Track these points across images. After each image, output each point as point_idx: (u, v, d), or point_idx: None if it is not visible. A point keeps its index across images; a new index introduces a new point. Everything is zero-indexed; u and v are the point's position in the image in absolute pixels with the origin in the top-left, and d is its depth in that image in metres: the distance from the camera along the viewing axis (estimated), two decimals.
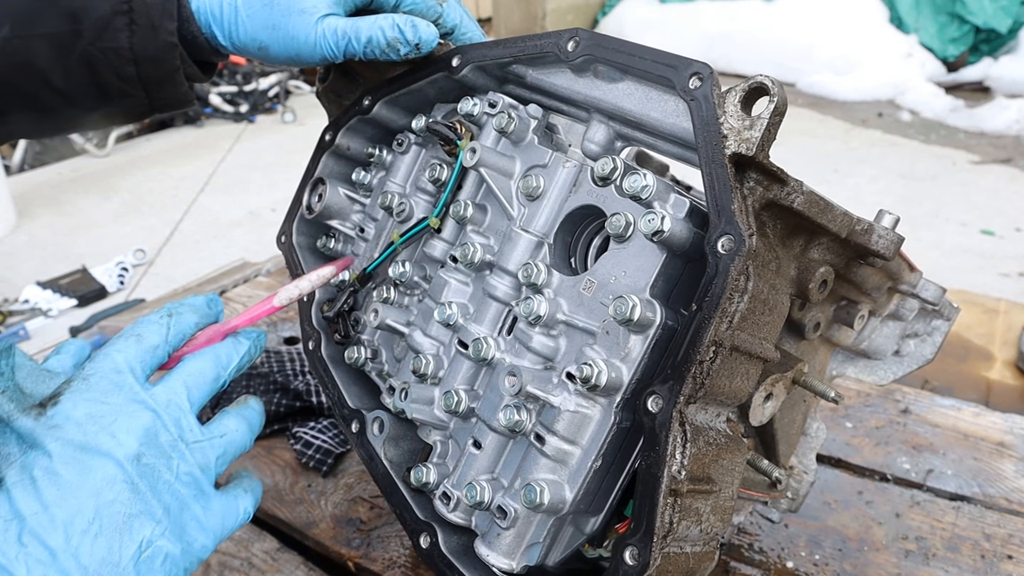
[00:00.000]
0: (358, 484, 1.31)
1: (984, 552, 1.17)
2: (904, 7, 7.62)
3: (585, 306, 0.80)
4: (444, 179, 0.97)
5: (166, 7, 0.91)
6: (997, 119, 6.25)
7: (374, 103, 1.07)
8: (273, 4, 0.92)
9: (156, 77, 0.94)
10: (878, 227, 0.84)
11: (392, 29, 0.94)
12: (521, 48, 0.90)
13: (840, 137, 6.19)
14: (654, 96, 0.82)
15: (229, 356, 0.74)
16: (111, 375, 0.66)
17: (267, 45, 0.94)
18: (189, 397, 0.69)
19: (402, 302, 1.02)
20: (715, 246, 0.69)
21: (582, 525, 0.83)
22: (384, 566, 1.14)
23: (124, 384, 0.66)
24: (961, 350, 2.30)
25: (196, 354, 0.72)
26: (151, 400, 0.67)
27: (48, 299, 3.90)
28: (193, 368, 0.71)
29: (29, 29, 0.89)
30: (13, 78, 0.91)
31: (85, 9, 0.89)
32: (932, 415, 1.50)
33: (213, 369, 0.72)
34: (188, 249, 4.55)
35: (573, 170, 0.85)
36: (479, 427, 0.86)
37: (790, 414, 1.02)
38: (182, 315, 0.73)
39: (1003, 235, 4.47)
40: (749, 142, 0.69)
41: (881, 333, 1.06)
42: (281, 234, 1.18)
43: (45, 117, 0.97)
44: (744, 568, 1.14)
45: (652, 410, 0.71)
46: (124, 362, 0.67)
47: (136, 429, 0.65)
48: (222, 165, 5.85)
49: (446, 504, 0.88)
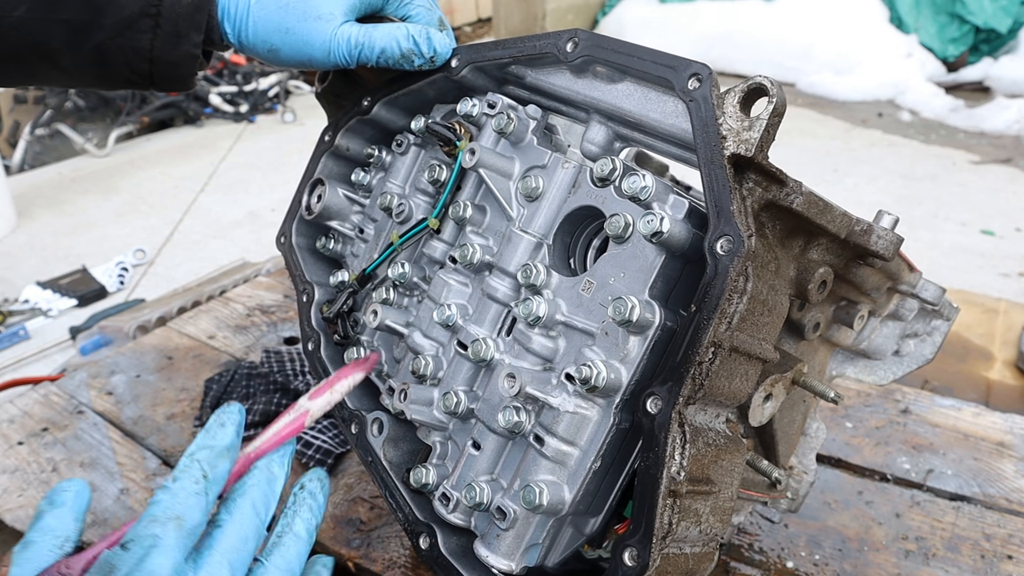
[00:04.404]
0: (358, 484, 1.31)
1: (984, 552, 1.17)
2: (904, 7, 7.61)
3: (584, 307, 0.80)
4: (443, 180, 0.97)
5: (195, 18, 0.90)
6: (997, 119, 6.24)
7: (373, 104, 1.07)
8: (288, 7, 0.91)
9: (168, 76, 0.93)
10: (877, 227, 0.84)
11: (407, 41, 0.93)
12: (520, 49, 0.90)
13: (840, 137, 6.19)
14: (653, 97, 0.82)
15: (267, 504, 0.64)
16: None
17: (278, 48, 0.93)
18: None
19: (401, 303, 1.02)
20: (714, 247, 0.69)
21: (581, 526, 0.83)
22: (384, 566, 1.14)
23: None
24: (961, 350, 2.30)
25: (234, 512, 0.62)
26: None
27: (48, 299, 3.89)
28: (234, 537, 0.60)
29: (48, 12, 0.88)
30: (22, 56, 0.90)
31: (112, 4, 0.88)
32: (932, 415, 1.50)
33: (254, 531, 0.62)
34: (188, 249, 4.55)
35: (572, 171, 0.85)
36: (478, 428, 0.86)
37: (790, 414, 1.02)
38: (216, 467, 0.62)
39: (1003, 235, 4.47)
40: (748, 143, 0.69)
41: (881, 333, 1.06)
42: (281, 235, 1.18)
43: (35, 80, 0.96)
44: (744, 568, 1.14)
45: (651, 411, 0.71)
46: (167, 564, 0.55)
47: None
48: (222, 165, 5.85)
49: (445, 505, 0.88)
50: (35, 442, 1.46)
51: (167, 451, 1.42)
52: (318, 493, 0.69)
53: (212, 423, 0.64)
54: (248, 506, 0.62)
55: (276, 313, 1.94)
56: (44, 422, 1.52)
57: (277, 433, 0.68)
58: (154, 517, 0.57)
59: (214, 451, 0.62)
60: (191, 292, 2.57)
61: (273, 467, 0.66)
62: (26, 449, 1.44)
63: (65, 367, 2.24)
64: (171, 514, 0.58)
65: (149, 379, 1.66)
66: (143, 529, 0.57)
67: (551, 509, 0.77)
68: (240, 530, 0.61)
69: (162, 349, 1.78)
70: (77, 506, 0.63)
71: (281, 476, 0.66)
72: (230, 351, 1.76)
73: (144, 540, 0.56)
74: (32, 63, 0.91)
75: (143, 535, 0.56)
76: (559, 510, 0.78)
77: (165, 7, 0.89)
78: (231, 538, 0.60)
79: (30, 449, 1.44)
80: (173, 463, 1.39)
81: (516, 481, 0.81)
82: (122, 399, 1.59)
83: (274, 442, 0.67)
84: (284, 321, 1.90)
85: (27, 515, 1.28)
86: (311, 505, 0.68)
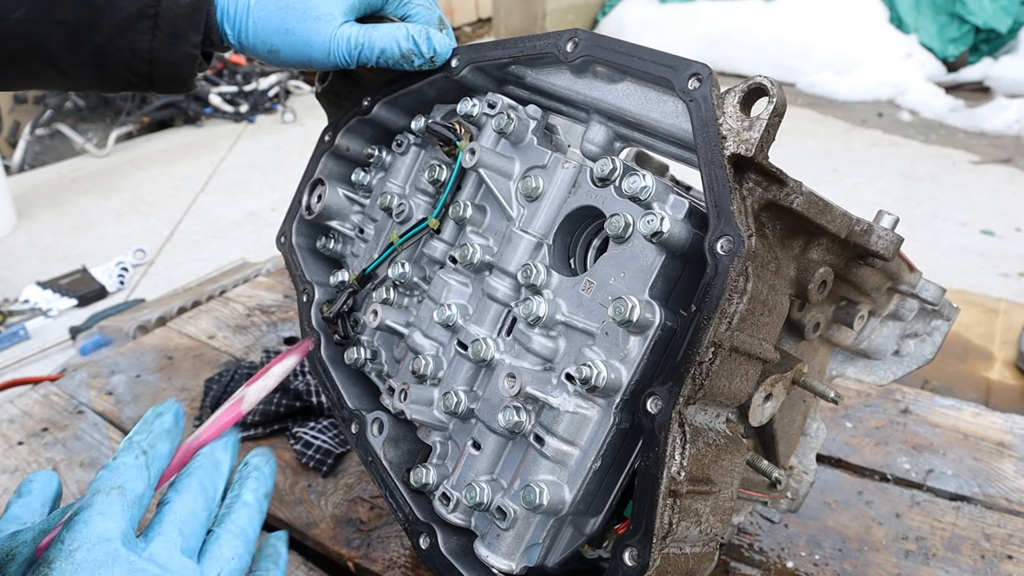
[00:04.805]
0: (358, 484, 1.31)
1: (984, 552, 1.17)
2: (904, 7, 7.61)
3: (584, 307, 0.80)
4: (443, 180, 0.97)
5: (193, 18, 0.89)
6: (997, 119, 6.25)
7: (373, 104, 1.07)
8: (287, 8, 0.91)
9: (167, 77, 0.93)
10: (877, 227, 0.84)
11: (407, 41, 0.93)
12: (520, 49, 0.90)
13: (840, 137, 6.19)
14: (653, 97, 0.82)
15: (215, 483, 0.65)
16: (100, 546, 0.55)
17: (278, 48, 0.93)
18: (188, 547, 0.61)
19: (402, 303, 1.02)
20: (714, 247, 0.69)
21: (582, 526, 0.83)
22: (384, 566, 1.14)
23: (117, 555, 0.56)
24: (961, 350, 2.30)
25: (181, 491, 0.63)
26: (152, 566, 0.57)
27: (48, 299, 3.90)
28: (183, 510, 0.62)
29: (46, 14, 0.88)
30: (21, 59, 0.90)
31: (110, 5, 0.88)
32: (932, 415, 1.50)
33: (204, 505, 0.63)
34: (188, 249, 4.55)
35: (572, 171, 0.85)
36: (479, 428, 0.86)
37: (790, 414, 1.02)
38: (156, 447, 0.63)
39: (1003, 235, 4.47)
40: (748, 143, 0.69)
41: (881, 333, 1.06)
42: (281, 235, 1.18)
43: (35, 83, 0.96)
44: (744, 568, 1.14)
45: (651, 411, 0.71)
46: (114, 528, 0.57)
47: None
48: (222, 165, 5.85)
49: (446, 505, 0.88)
50: (35, 442, 1.46)
51: None
52: (263, 466, 0.70)
53: (149, 413, 0.66)
54: (195, 484, 0.63)
55: (276, 313, 1.94)
56: (44, 422, 1.52)
57: (216, 422, 0.69)
58: (96, 489, 0.59)
59: (152, 433, 0.64)
60: (191, 292, 2.57)
61: (217, 453, 0.67)
62: (26, 449, 1.45)
63: (65, 367, 2.24)
64: (113, 484, 0.59)
65: (149, 379, 1.66)
66: (87, 500, 0.58)
67: (551, 509, 0.77)
68: (189, 504, 0.62)
69: (162, 349, 1.78)
70: (44, 494, 0.65)
71: (226, 460, 0.67)
72: (230, 351, 1.76)
73: (89, 507, 0.57)
74: (32, 65, 0.91)
75: (87, 504, 0.58)
76: (559, 510, 0.78)
77: (163, 8, 0.88)
78: (181, 511, 0.61)
79: (30, 449, 1.44)
80: None
81: (516, 481, 0.81)
82: (122, 399, 1.59)
83: (214, 431, 0.68)
84: (284, 321, 1.90)
85: None
86: (257, 475, 0.69)
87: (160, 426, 0.65)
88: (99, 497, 0.58)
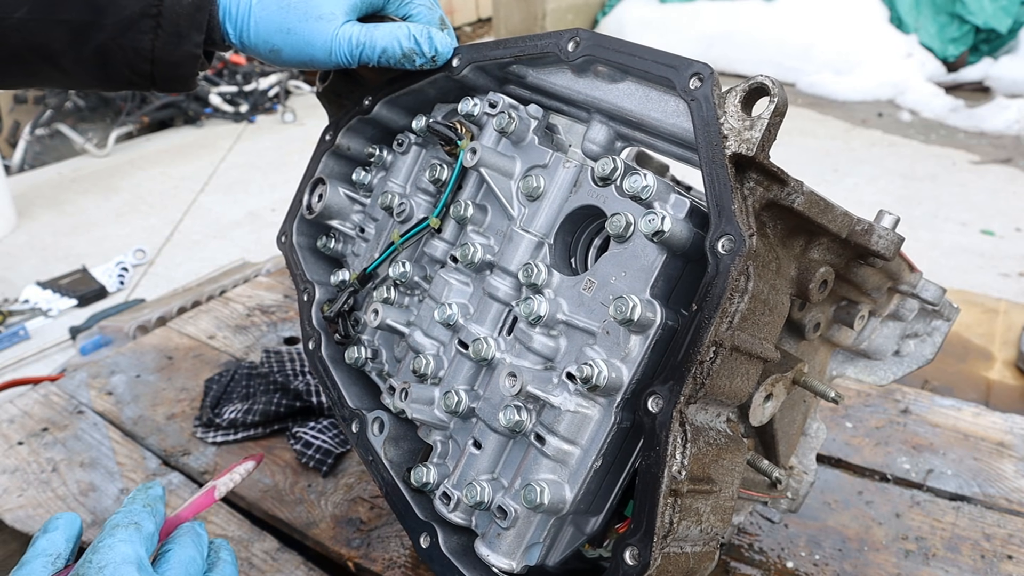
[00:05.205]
0: (358, 484, 1.31)
1: (984, 552, 1.17)
2: (904, 7, 7.61)
3: (585, 306, 0.80)
4: (444, 179, 0.97)
5: (196, 18, 0.90)
6: (997, 119, 6.24)
7: (374, 103, 1.07)
8: (289, 8, 0.91)
9: (169, 77, 0.93)
10: (878, 227, 0.84)
11: (408, 40, 0.93)
12: (521, 48, 0.90)
13: (840, 137, 6.19)
14: (654, 96, 0.82)
15: (202, 545, 0.77)
16: (123, 567, 0.66)
17: (279, 48, 0.93)
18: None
19: (402, 302, 1.02)
20: (715, 246, 0.69)
21: (582, 525, 0.83)
22: (384, 566, 1.14)
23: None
24: (961, 350, 2.30)
25: (179, 544, 0.75)
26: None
27: (48, 299, 3.89)
28: (184, 556, 0.73)
29: (48, 13, 0.88)
30: (24, 57, 0.90)
31: (113, 4, 0.88)
32: (932, 415, 1.50)
33: (199, 556, 0.75)
34: (188, 249, 4.55)
35: (573, 170, 0.85)
36: (479, 427, 0.86)
37: (790, 414, 1.02)
38: (155, 505, 0.77)
39: (1003, 235, 4.46)
40: (749, 142, 0.69)
41: (881, 333, 1.06)
42: (281, 234, 1.18)
43: (37, 82, 0.97)
44: (744, 568, 1.14)
45: (652, 410, 0.71)
46: (133, 554, 0.68)
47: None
48: (222, 165, 5.85)
49: (446, 504, 0.88)
50: (35, 442, 1.46)
51: (167, 451, 1.42)
52: (228, 547, 0.83)
53: (140, 487, 0.79)
54: (189, 541, 0.76)
55: (276, 313, 1.94)
56: (44, 422, 1.52)
57: (194, 503, 0.84)
58: (116, 523, 0.71)
59: (149, 495, 0.78)
60: (191, 292, 2.57)
61: (196, 528, 0.79)
62: (26, 449, 1.44)
63: (65, 367, 2.24)
64: (130, 520, 0.71)
65: (149, 379, 1.66)
66: (108, 532, 0.69)
67: (552, 508, 0.77)
68: (189, 551, 0.74)
69: (162, 349, 1.78)
70: (68, 531, 0.74)
71: (204, 535, 0.79)
72: (230, 351, 1.76)
73: (112, 535, 0.69)
74: (33, 64, 0.92)
75: (109, 533, 0.69)
76: (560, 509, 0.78)
77: (166, 7, 0.89)
78: (183, 556, 0.73)
79: (30, 449, 1.44)
80: (173, 463, 1.39)
81: (517, 480, 0.81)
82: (122, 399, 1.59)
83: (193, 510, 0.83)
84: (284, 321, 1.90)
85: (27, 515, 1.28)
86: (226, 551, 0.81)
87: (154, 493, 0.79)
88: (119, 529, 0.70)
